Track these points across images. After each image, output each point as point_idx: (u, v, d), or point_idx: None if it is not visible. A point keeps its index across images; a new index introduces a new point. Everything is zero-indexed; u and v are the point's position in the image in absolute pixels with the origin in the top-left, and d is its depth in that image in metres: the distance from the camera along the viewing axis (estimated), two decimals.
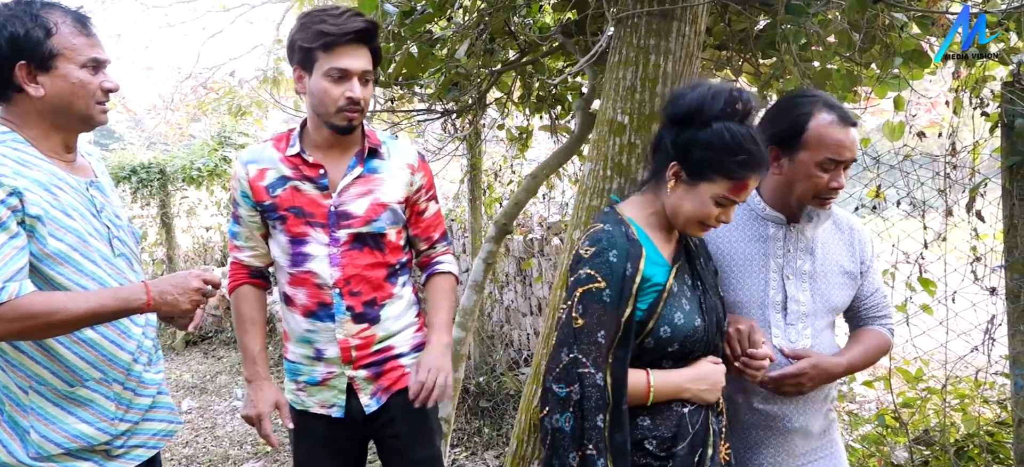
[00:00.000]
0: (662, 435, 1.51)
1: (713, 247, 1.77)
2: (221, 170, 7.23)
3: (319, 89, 1.77)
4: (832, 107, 1.65)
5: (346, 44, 1.74)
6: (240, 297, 1.94)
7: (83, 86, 1.57)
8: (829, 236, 1.77)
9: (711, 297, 1.58)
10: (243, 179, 1.87)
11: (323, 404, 1.93)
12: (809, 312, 1.72)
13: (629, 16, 2.25)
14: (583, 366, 1.43)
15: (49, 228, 1.51)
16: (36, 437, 1.54)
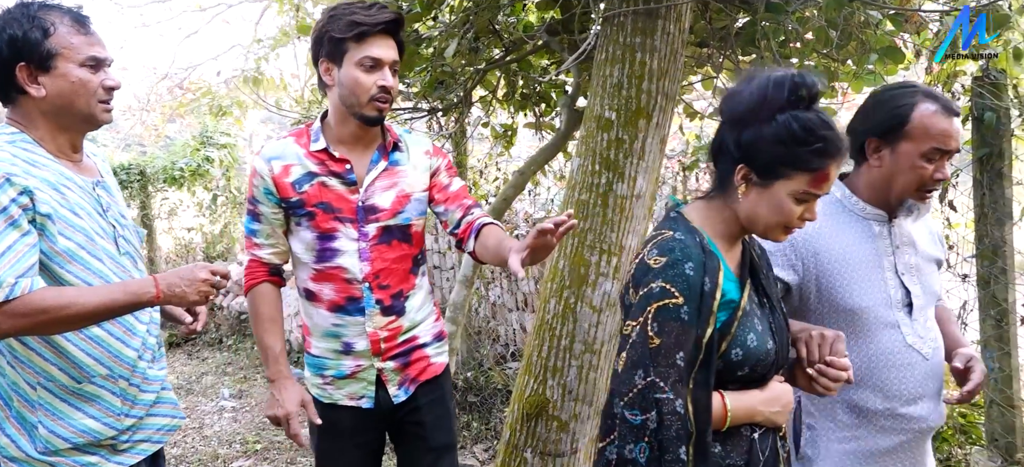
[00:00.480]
0: (735, 463, 1.37)
1: (826, 255, 1.68)
2: (203, 170, 7.20)
3: (350, 79, 1.79)
4: (935, 98, 1.63)
5: (377, 34, 1.78)
6: (259, 296, 1.93)
7: (83, 84, 1.59)
8: (918, 226, 1.78)
9: (780, 316, 1.44)
10: (267, 176, 1.85)
11: (352, 396, 1.95)
12: (925, 304, 1.72)
13: (615, 15, 2.31)
14: (661, 390, 1.28)
15: (58, 226, 1.53)
16: (44, 432, 1.57)
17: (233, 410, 4.89)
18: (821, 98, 1.34)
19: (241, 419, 4.72)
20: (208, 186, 7.46)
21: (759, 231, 1.39)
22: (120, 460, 1.67)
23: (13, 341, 1.56)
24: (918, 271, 1.72)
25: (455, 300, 3.44)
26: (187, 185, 7.72)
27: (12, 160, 1.51)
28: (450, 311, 3.46)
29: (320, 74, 1.85)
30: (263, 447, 4.22)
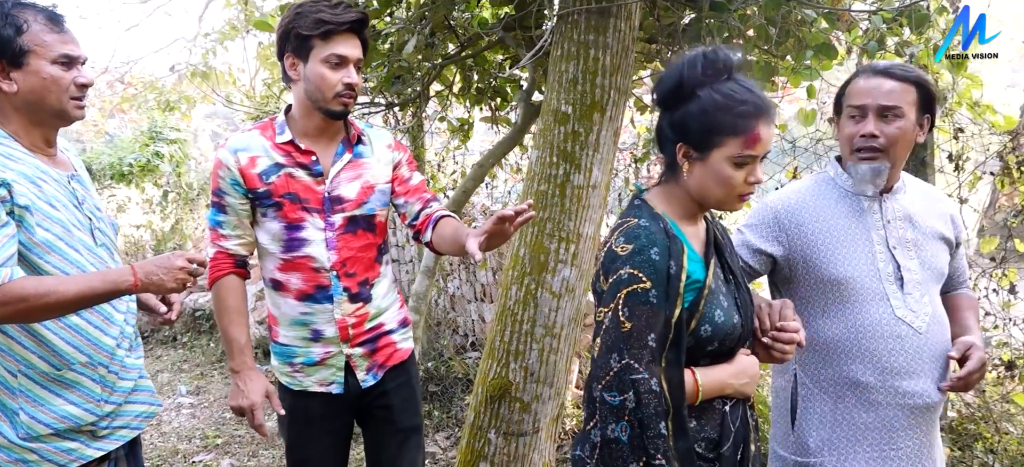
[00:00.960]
0: (709, 436, 1.44)
1: (810, 226, 1.78)
2: (153, 166, 7.07)
3: (316, 75, 1.85)
4: (866, 69, 1.80)
5: (343, 33, 1.84)
6: (225, 288, 1.96)
7: (55, 81, 1.63)
8: (924, 203, 1.82)
9: (744, 291, 1.52)
10: (233, 167, 1.90)
11: (322, 382, 2.01)
12: (922, 280, 1.75)
13: (569, 13, 2.43)
14: (636, 371, 1.34)
15: (36, 218, 1.57)
16: (25, 418, 1.61)
17: (191, 406, 4.87)
18: (738, 68, 1.40)
19: (200, 415, 4.70)
20: (158, 182, 7.33)
21: (713, 204, 1.44)
22: (100, 446, 1.71)
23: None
24: (916, 246, 1.76)
25: (418, 290, 3.53)
26: (136, 181, 7.57)
27: None
28: (413, 301, 3.55)
29: (285, 68, 1.91)
30: (224, 441, 4.23)
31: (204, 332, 6.24)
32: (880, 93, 1.71)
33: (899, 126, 1.70)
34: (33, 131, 1.66)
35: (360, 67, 1.90)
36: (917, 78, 1.73)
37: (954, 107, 2.62)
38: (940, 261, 1.78)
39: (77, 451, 1.67)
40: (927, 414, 1.73)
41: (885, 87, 1.71)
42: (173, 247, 7.90)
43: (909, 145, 1.74)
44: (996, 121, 2.71)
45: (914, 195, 1.82)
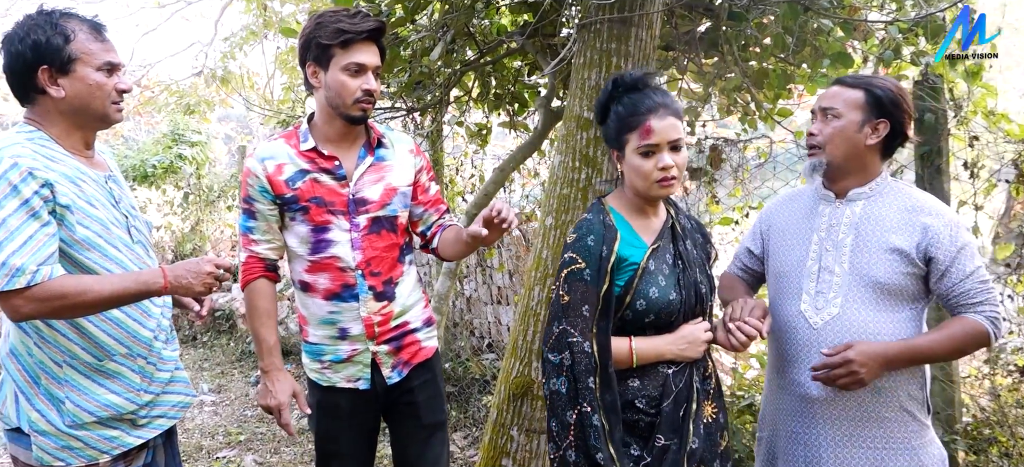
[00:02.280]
0: (650, 394, 1.70)
1: (777, 225, 1.98)
2: (176, 167, 7.19)
3: (337, 82, 1.94)
4: None
5: (361, 41, 1.92)
6: (256, 291, 2.03)
7: (99, 87, 1.72)
8: (886, 213, 1.80)
9: (691, 274, 1.75)
10: (261, 175, 1.98)
11: (350, 379, 2.08)
12: (843, 283, 1.80)
13: (592, 22, 2.50)
14: (572, 336, 1.66)
15: (77, 216, 1.65)
16: (71, 407, 1.68)
17: (213, 404, 4.96)
18: (643, 83, 1.72)
19: (222, 412, 4.79)
20: (178, 184, 7.44)
21: (643, 191, 1.71)
22: (140, 434, 1.79)
23: (39, 323, 1.68)
24: (852, 252, 1.80)
25: (440, 291, 3.59)
26: (157, 183, 7.69)
27: (33, 155, 1.62)
28: (435, 301, 3.61)
29: (307, 76, 2.00)
30: (246, 438, 4.31)
31: (224, 332, 6.34)
32: (825, 97, 1.85)
33: (834, 126, 1.80)
34: (74, 134, 1.75)
35: (378, 73, 1.98)
36: (866, 84, 1.80)
37: (970, 115, 2.66)
38: (878, 270, 1.77)
39: (119, 439, 1.75)
40: (812, 405, 1.82)
41: (830, 92, 1.85)
42: (192, 248, 8.01)
43: (850, 144, 1.79)
44: (1011, 129, 2.74)
45: (884, 205, 1.81)
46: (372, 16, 1.96)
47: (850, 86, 1.82)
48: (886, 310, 1.77)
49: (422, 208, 2.19)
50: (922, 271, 1.76)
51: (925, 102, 2.64)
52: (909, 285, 1.77)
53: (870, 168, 1.83)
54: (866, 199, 1.82)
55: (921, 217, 1.76)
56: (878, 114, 1.78)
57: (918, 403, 1.81)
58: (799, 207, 1.95)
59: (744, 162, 3.44)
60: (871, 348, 1.71)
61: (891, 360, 1.72)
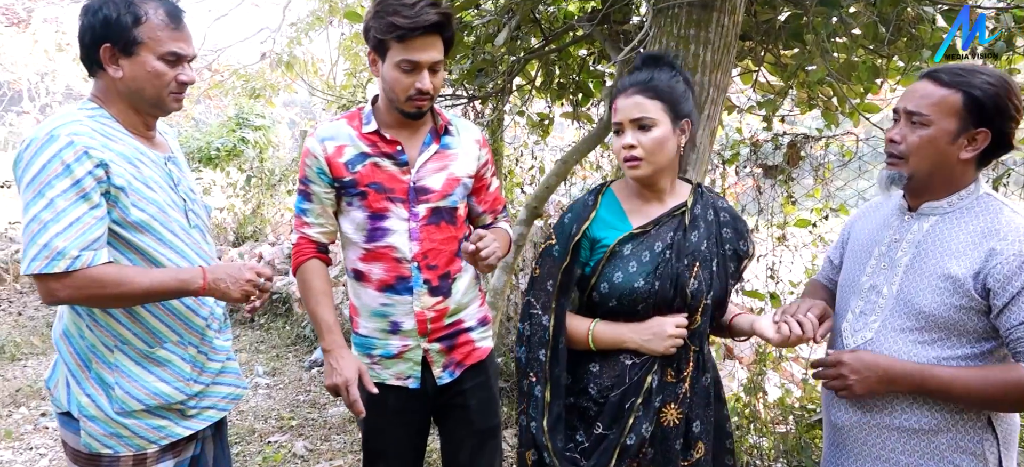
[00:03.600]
0: (603, 382, 1.67)
1: (854, 236, 1.78)
2: (239, 151, 7.30)
3: (391, 77, 1.83)
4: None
5: (418, 36, 1.77)
6: (310, 271, 1.97)
7: (158, 76, 1.64)
8: (956, 233, 1.54)
9: (676, 266, 1.64)
10: (320, 156, 1.90)
11: (399, 376, 2.00)
12: (887, 307, 1.59)
13: (669, 6, 2.33)
14: (534, 308, 1.70)
15: (132, 198, 1.60)
16: (120, 393, 1.63)
17: (267, 387, 4.98)
18: (640, 62, 1.73)
19: (276, 396, 4.81)
20: (242, 167, 7.55)
21: (625, 171, 1.69)
22: (189, 425, 1.73)
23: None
24: (907, 273, 1.57)
25: (495, 285, 3.48)
26: (221, 165, 7.82)
27: (91, 133, 1.57)
28: (490, 296, 3.51)
29: (369, 62, 1.90)
30: (298, 423, 4.30)
31: (280, 315, 6.39)
32: (911, 96, 1.54)
33: (921, 135, 1.51)
34: (133, 115, 1.69)
35: (438, 68, 1.84)
36: (964, 83, 1.48)
37: None
38: (923, 300, 1.52)
39: (167, 428, 1.69)
40: (840, 433, 1.68)
41: (918, 90, 1.54)
42: (253, 230, 8.13)
43: (939, 158, 1.51)
44: None
45: (958, 224, 1.53)
46: (435, 7, 1.79)
47: (944, 85, 1.50)
48: (932, 345, 1.52)
49: (480, 207, 2.10)
50: (982, 305, 1.47)
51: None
52: (965, 321, 1.49)
53: (958, 180, 1.55)
54: (940, 215, 1.56)
55: (991, 241, 1.47)
56: (978, 122, 1.48)
57: (974, 458, 1.52)
58: (878, 217, 1.73)
59: (825, 160, 3.21)
60: (872, 358, 1.54)
61: (895, 378, 1.51)
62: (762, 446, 3.40)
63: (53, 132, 1.52)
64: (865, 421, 1.61)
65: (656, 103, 1.64)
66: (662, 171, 1.68)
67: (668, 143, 1.65)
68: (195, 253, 1.73)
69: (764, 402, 3.51)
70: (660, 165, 1.66)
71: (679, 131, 1.67)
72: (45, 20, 13.57)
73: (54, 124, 1.55)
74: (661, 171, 1.68)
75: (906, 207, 1.63)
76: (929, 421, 1.54)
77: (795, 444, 3.25)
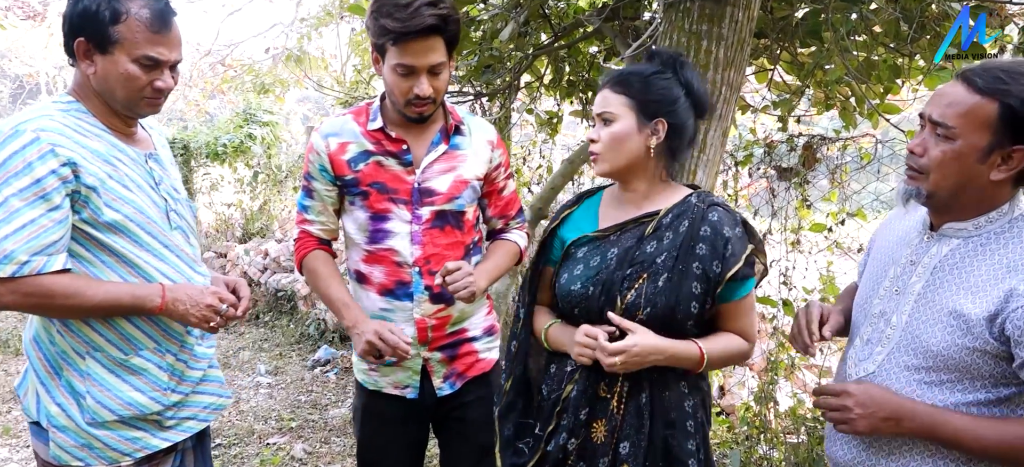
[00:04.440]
0: (551, 384, 1.68)
1: (876, 247, 1.62)
2: (246, 147, 7.24)
3: (390, 80, 1.74)
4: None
5: (413, 39, 1.66)
6: (315, 259, 1.90)
7: (129, 80, 1.54)
8: (977, 262, 1.34)
9: (615, 274, 1.56)
10: (323, 152, 1.83)
11: (397, 385, 1.92)
12: (894, 340, 1.42)
13: (680, 1, 2.22)
14: (521, 304, 1.79)
15: (105, 198, 1.51)
16: (91, 403, 1.55)
17: (269, 386, 4.92)
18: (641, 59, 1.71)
19: (277, 395, 4.74)
20: (249, 163, 7.50)
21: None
22: (166, 436, 1.65)
23: None
24: (917, 303, 1.39)
25: (499, 289, 3.39)
26: (229, 161, 7.77)
27: (61, 130, 1.48)
28: (493, 300, 3.41)
29: (372, 62, 1.81)
30: (298, 425, 4.23)
31: (285, 313, 6.32)
32: (939, 101, 1.31)
33: (946, 150, 1.29)
34: (111, 112, 1.60)
35: (441, 71, 1.73)
36: (1001, 90, 1.23)
37: None
38: (930, 337, 1.34)
39: (142, 440, 1.61)
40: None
41: (947, 95, 1.30)
42: (260, 226, 8.07)
43: (966, 176, 1.30)
44: None
45: (982, 250, 1.33)
46: (433, 7, 1.65)
47: (978, 91, 1.26)
48: (940, 387, 1.34)
49: (490, 213, 2.00)
50: (999, 350, 1.27)
51: None
52: (978, 364, 1.30)
53: (988, 201, 1.33)
54: (964, 238, 1.36)
55: (1013, 279, 1.26)
56: (1014, 138, 1.25)
57: None
58: (900, 230, 1.53)
59: (842, 162, 3.08)
60: (882, 395, 1.36)
61: (903, 419, 1.33)
62: (772, 457, 3.29)
63: (18, 127, 1.44)
64: (864, 461, 1.46)
65: (621, 98, 1.57)
66: (625, 170, 1.61)
67: (628, 140, 1.57)
68: (176, 255, 1.64)
69: (775, 412, 3.40)
70: (618, 162, 1.59)
71: (649, 131, 1.57)
72: (61, 14, 13.64)
73: (22, 118, 1.46)
74: (623, 170, 1.61)
75: (928, 224, 1.43)
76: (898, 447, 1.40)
77: (806, 456, 3.13)
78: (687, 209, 1.59)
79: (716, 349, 1.58)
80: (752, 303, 1.64)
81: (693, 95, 1.60)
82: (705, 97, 1.63)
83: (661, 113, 1.56)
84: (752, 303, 1.64)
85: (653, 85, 1.57)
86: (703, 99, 1.62)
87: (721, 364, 1.63)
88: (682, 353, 1.53)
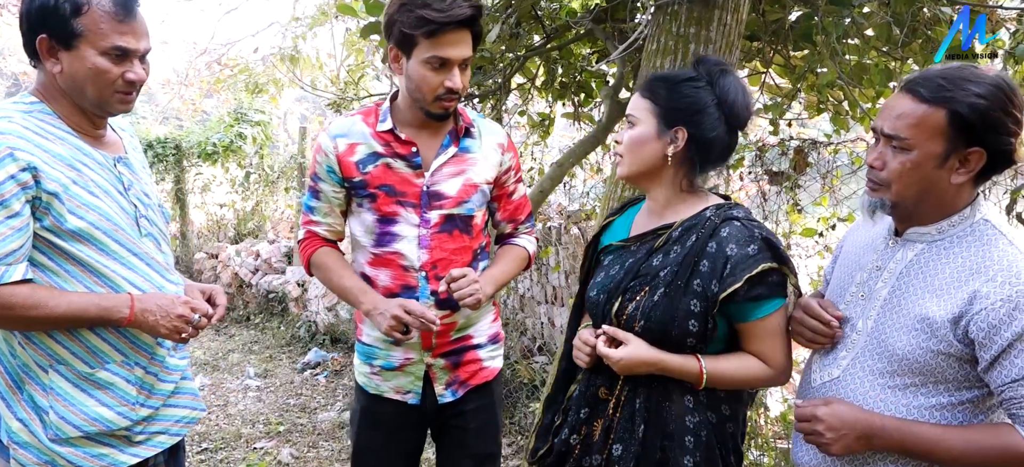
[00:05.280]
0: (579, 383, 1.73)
1: (843, 246, 1.64)
2: (236, 147, 7.19)
3: (417, 75, 1.70)
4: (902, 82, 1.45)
5: (450, 31, 1.65)
6: (324, 254, 1.89)
7: (100, 74, 1.49)
8: (940, 267, 1.36)
9: (623, 284, 1.57)
10: (331, 153, 1.80)
11: (399, 390, 1.90)
12: (859, 345, 1.44)
13: (669, 3, 2.18)
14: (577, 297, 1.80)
15: (69, 205, 1.45)
16: (54, 418, 1.50)
17: (258, 390, 4.87)
18: None
19: (265, 399, 4.69)
20: (241, 163, 7.44)
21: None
22: (135, 452, 1.60)
23: None
24: (883, 309, 1.40)
25: None
26: (221, 161, 7.72)
27: (21, 133, 1.43)
28: None
29: (389, 57, 1.77)
30: (286, 429, 4.19)
31: (276, 314, 6.28)
32: (888, 115, 1.33)
33: (903, 161, 1.31)
34: (78, 113, 1.55)
35: (467, 65, 1.73)
36: (947, 98, 1.26)
37: None
38: (897, 341, 1.36)
39: (109, 456, 1.56)
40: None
41: (895, 108, 1.32)
42: (253, 227, 8.02)
43: (927, 184, 1.32)
44: None
45: (945, 255, 1.35)
46: (466, 2, 1.66)
47: (924, 100, 1.28)
48: (904, 391, 1.36)
49: (499, 216, 1.97)
50: (963, 353, 1.30)
51: None
52: (943, 367, 1.32)
53: (951, 204, 1.36)
54: (928, 243, 1.38)
55: (976, 281, 1.28)
56: (968, 141, 1.28)
57: None
58: (867, 236, 1.54)
59: (834, 167, 3.05)
60: (852, 413, 1.35)
61: (875, 436, 1.33)
62: (763, 463, 3.26)
63: None
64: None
65: (646, 103, 1.56)
66: (642, 176, 1.60)
67: (646, 146, 1.55)
68: (146, 264, 1.59)
69: (766, 417, 3.37)
70: (634, 167, 1.58)
71: (667, 139, 1.53)
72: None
73: None
74: (641, 175, 1.60)
75: (893, 230, 1.45)
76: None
77: None
78: (698, 223, 1.54)
79: (722, 369, 1.51)
80: (774, 326, 1.51)
81: (727, 107, 1.52)
82: (743, 110, 1.54)
83: (682, 121, 1.52)
84: (774, 326, 1.51)
85: (679, 92, 1.53)
86: (739, 112, 1.54)
87: (733, 385, 1.55)
88: (676, 367, 1.50)
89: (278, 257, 6.68)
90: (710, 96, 1.53)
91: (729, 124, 1.54)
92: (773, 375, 1.54)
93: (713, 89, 1.53)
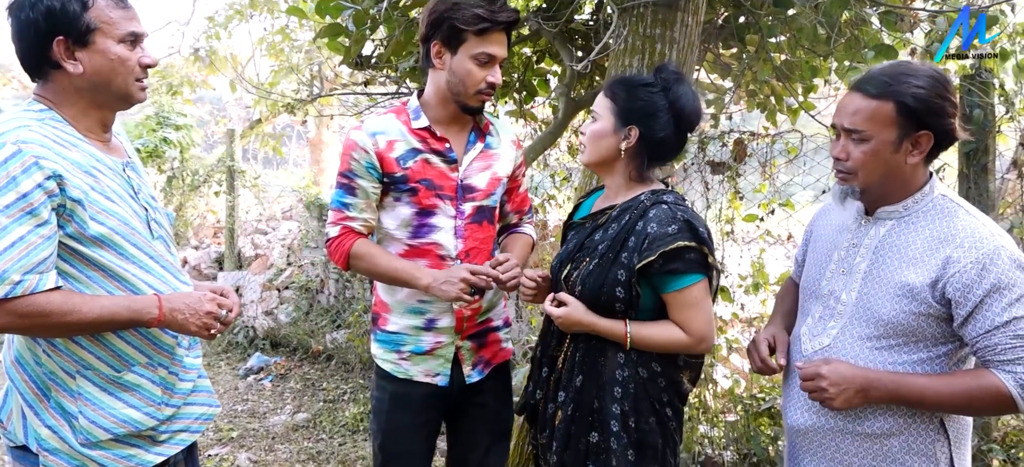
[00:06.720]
0: None
1: (815, 235, 1.81)
2: (160, 151, 6.89)
3: (463, 70, 1.83)
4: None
5: (497, 30, 1.82)
6: (364, 245, 1.93)
7: (122, 62, 1.51)
8: (912, 239, 1.55)
9: (570, 248, 1.82)
10: (371, 150, 1.87)
11: (428, 373, 1.98)
12: (846, 314, 1.61)
13: (634, 6, 2.34)
14: None
15: (90, 211, 1.46)
16: (85, 422, 1.50)
17: None
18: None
19: None
20: (162, 167, 7.14)
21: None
22: (160, 451, 1.61)
23: None
24: (864, 279, 1.59)
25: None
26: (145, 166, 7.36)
27: (43, 140, 1.43)
28: None
29: (430, 54, 1.86)
30: (239, 434, 4.12)
31: None
32: (845, 112, 1.55)
33: (865, 150, 1.52)
34: (92, 115, 1.55)
35: (502, 65, 1.90)
36: (892, 91, 1.48)
37: (1020, 112, 2.56)
38: (883, 308, 1.54)
39: (137, 457, 1.57)
40: (796, 436, 1.70)
41: (849, 106, 1.54)
42: (174, 233, 7.71)
43: (888, 167, 1.53)
44: None
45: (914, 228, 1.55)
46: (510, 7, 1.86)
47: (873, 97, 1.50)
48: (889, 350, 1.55)
49: (508, 208, 2.13)
50: (940, 312, 1.50)
51: (974, 97, 2.53)
52: (924, 327, 1.52)
53: (911, 183, 1.57)
54: (896, 219, 1.58)
55: (947, 248, 1.49)
56: (916, 126, 1.49)
57: (926, 460, 1.54)
58: (837, 219, 1.74)
59: (771, 157, 3.32)
60: (849, 370, 1.53)
61: (871, 389, 1.51)
62: (713, 436, 3.49)
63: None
64: (821, 425, 1.63)
65: (607, 102, 1.78)
66: (599, 164, 1.82)
67: (603, 139, 1.77)
68: (160, 266, 1.61)
69: (714, 392, 3.61)
70: (594, 157, 1.80)
71: (622, 135, 1.75)
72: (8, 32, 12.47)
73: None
74: (598, 164, 1.82)
75: (863, 211, 1.65)
76: (883, 425, 1.56)
77: (744, 432, 3.35)
78: (633, 205, 1.75)
79: (645, 333, 1.72)
80: (692, 299, 1.69)
81: (676, 111, 1.73)
82: (693, 115, 1.75)
83: (635, 121, 1.74)
84: (692, 299, 1.69)
85: (635, 96, 1.75)
86: (689, 116, 1.74)
87: (656, 348, 1.73)
88: (605, 329, 1.73)
89: (208, 263, 6.48)
90: (663, 101, 1.73)
91: (679, 126, 1.75)
92: (691, 342, 1.71)
93: (667, 95, 1.74)
